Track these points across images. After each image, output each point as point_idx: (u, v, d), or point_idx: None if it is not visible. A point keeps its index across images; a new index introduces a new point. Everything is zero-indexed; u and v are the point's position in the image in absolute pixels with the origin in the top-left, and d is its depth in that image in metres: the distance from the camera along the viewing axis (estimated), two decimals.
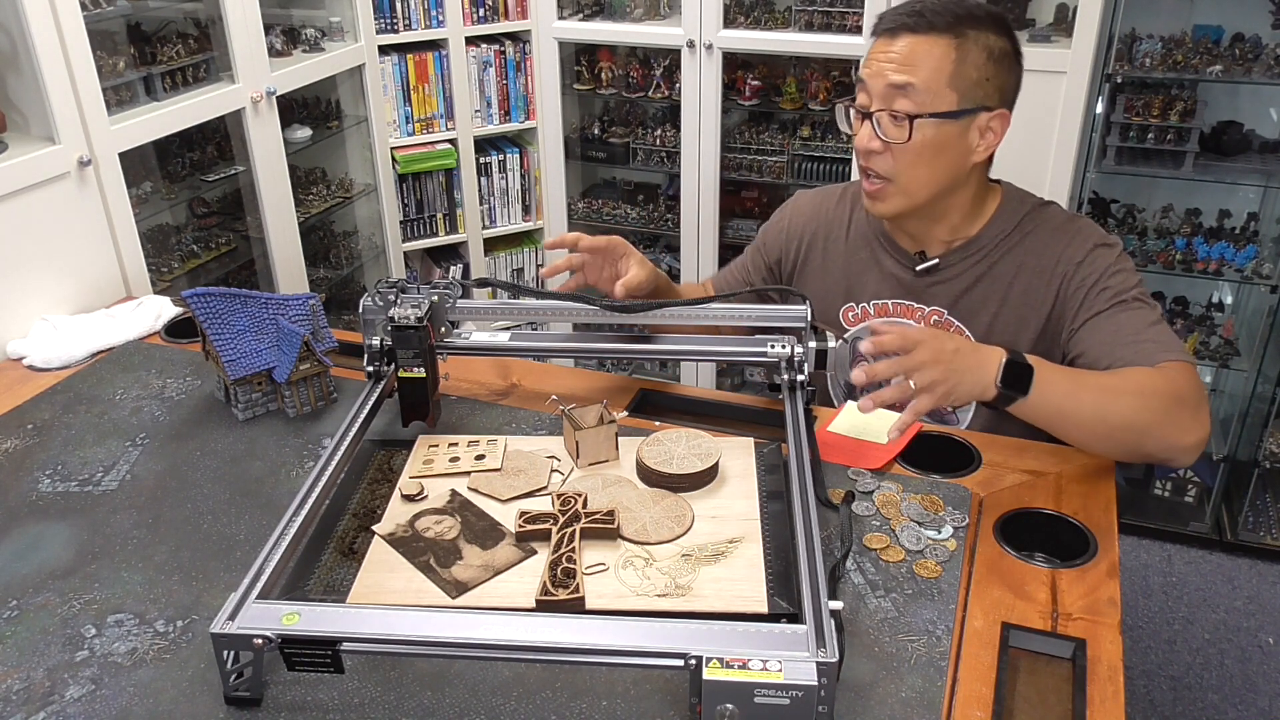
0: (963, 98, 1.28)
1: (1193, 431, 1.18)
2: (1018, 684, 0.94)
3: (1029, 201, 1.40)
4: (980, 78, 1.28)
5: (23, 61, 1.66)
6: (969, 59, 1.27)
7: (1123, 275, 1.31)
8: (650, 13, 2.79)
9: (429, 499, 1.15)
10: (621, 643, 0.85)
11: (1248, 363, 2.41)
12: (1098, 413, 1.17)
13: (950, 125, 1.28)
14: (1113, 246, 1.34)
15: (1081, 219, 1.40)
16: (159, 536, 1.14)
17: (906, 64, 1.27)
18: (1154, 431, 1.18)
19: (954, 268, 1.40)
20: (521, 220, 3.10)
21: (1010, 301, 1.37)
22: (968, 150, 1.31)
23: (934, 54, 1.26)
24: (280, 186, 2.38)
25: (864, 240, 1.48)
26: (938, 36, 1.26)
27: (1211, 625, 2.30)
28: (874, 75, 1.29)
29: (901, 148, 1.29)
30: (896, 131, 1.28)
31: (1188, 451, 1.19)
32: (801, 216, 1.55)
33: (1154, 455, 1.20)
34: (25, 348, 1.56)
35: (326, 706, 0.91)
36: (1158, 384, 1.18)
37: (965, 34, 1.27)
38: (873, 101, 1.30)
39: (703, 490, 1.16)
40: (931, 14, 1.27)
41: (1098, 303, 1.29)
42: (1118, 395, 1.18)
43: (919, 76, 1.26)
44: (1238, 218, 2.46)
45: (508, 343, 1.37)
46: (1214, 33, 2.29)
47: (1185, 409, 1.18)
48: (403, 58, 2.74)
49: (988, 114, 1.30)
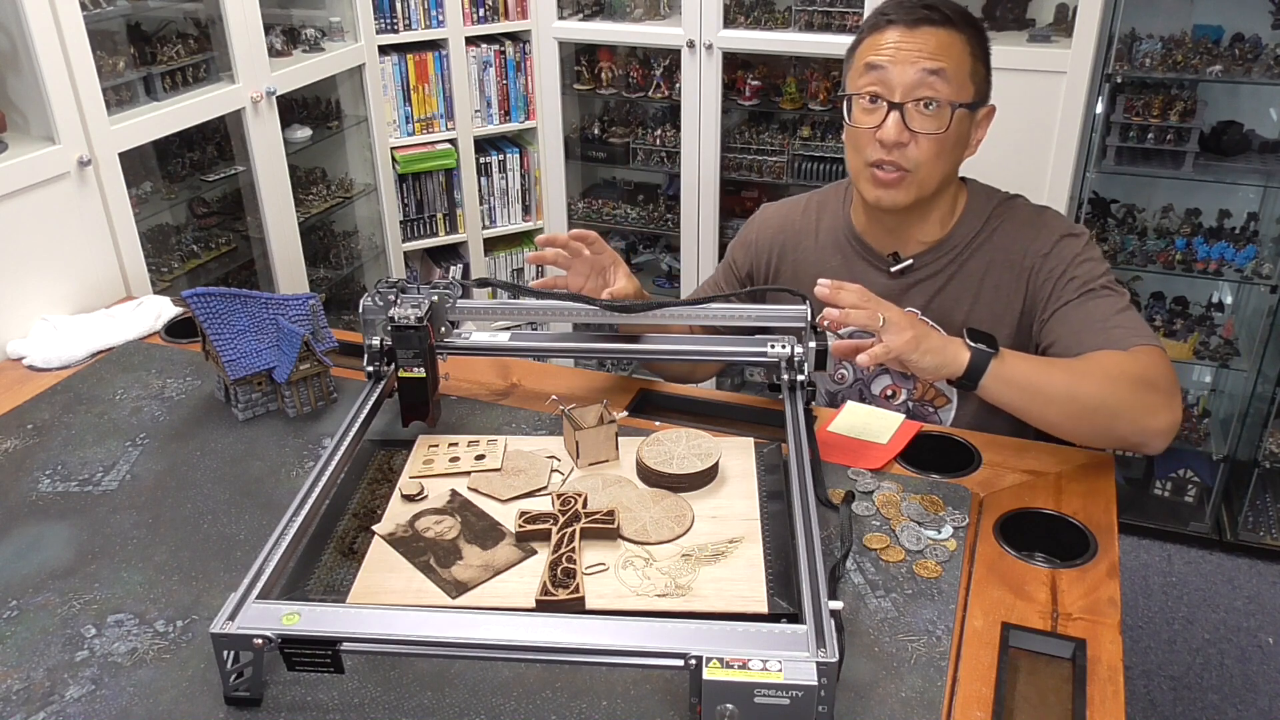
0: (975, 91, 1.31)
1: (1164, 415, 1.17)
2: (1018, 684, 0.94)
3: (995, 197, 1.41)
4: (984, 73, 1.32)
5: (23, 61, 1.66)
6: (976, 54, 1.30)
7: (1090, 264, 1.31)
8: (650, 13, 2.79)
9: (429, 499, 1.15)
10: (621, 643, 0.85)
11: (1248, 363, 2.41)
12: (1069, 390, 1.17)
13: (968, 118, 1.31)
14: (1079, 236, 1.34)
15: (1048, 211, 1.39)
16: (159, 536, 1.14)
17: (940, 51, 1.27)
18: (1125, 413, 1.17)
19: (927, 268, 1.40)
20: (521, 220, 3.10)
21: (982, 299, 1.37)
22: (968, 144, 1.34)
23: (956, 46, 1.28)
24: (280, 186, 2.38)
25: (835, 246, 1.47)
26: (955, 31, 1.28)
27: (1211, 625, 2.30)
28: (900, 63, 1.27)
29: (929, 138, 1.28)
30: (931, 122, 1.28)
31: (1160, 435, 1.18)
32: (769, 229, 1.54)
33: (1126, 439, 1.20)
34: (25, 348, 1.56)
35: (326, 706, 0.91)
36: (1127, 367, 1.18)
37: (970, 30, 1.30)
38: (896, 92, 1.28)
39: (703, 490, 1.16)
40: (944, 8, 1.29)
41: (1066, 292, 1.30)
42: (1088, 376, 1.18)
43: (950, 64, 1.27)
44: (1238, 218, 2.46)
45: (508, 343, 1.37)
46: (1214, 33, 2.29)
47: (1157, 392, 1.18)
48: (403, 58, 2.74)
49: (984, 109, 1.34)
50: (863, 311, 1.15)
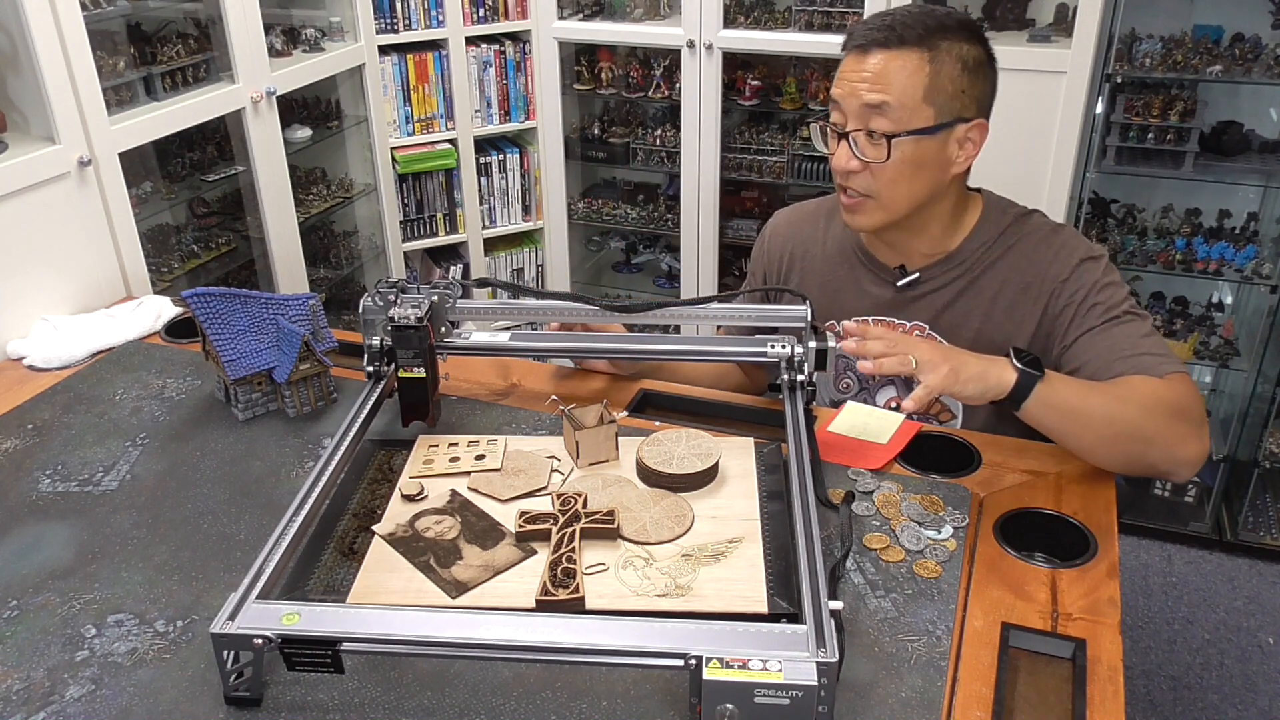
0: (939, 111, 1.25)
1: (1194, 446, 1.18)
2: (1018, 684, 0.94)
3: (1011, 212, 1.38)
4: (956, 90, 1.25)
5: (23, 61, 1.66)
6: (943, 72, 1.24)
7: (1111, 289, 1.29)
8: (650, 13, 2.79)
9: (429, 499, 1.15)
10: (621, 643, 0.85)
11: (1248, 363, 2.41)
12: (1107, 415, 1.17)
13: (929, 140, 1.26)
14: (1099, 259, 1.32)
15: (1065, 230, 1.37)
16: (159, 536, 1.14)
17: (880, 82, 1.23)
18: (1159, 441, 1.17)
19: (935, 281, 1.38)
20: (521, 220, 3.10)
21: (994, 318, 1.35)
22: (947, 163, 1.29)
23: (907, 69, 1.23)
24: (280, 186, 2.38)
25: (842, 257, 1.46)
26: (910, 51, 1.23)
27: (1211, 625, 2.30)
28: (847, 95, 1.26)
29: (880, 166, 1.26)
30: (874, 151, 1.26)
31: (1189, 465, 1.18)
32: (779, 237, 1.54)
33: (1156, 466, 1.20)
34: (25, 348, 1.56)
35: (326, 706, 0.91)
36: (1163, 395, 1.18)
37: (938, 46, 1.24)
38: (848, 120, 1.27)
39: (703, 490, 1.16)
40: (902, 28, 1.24)
41: (1089, 319, 1.28)
42: (1127, 403, 1.17)
43: (894, 94, 1.23)
44: (1238, 218, 2.46)
45: (508, 343, 1.37)
46: (1214, 33, 2.29)
47: (1189, 422, 1.18)
48: (403, 58, 2.74)
49: (965, 125, 1.27)
50: (893, 359, 1.15)
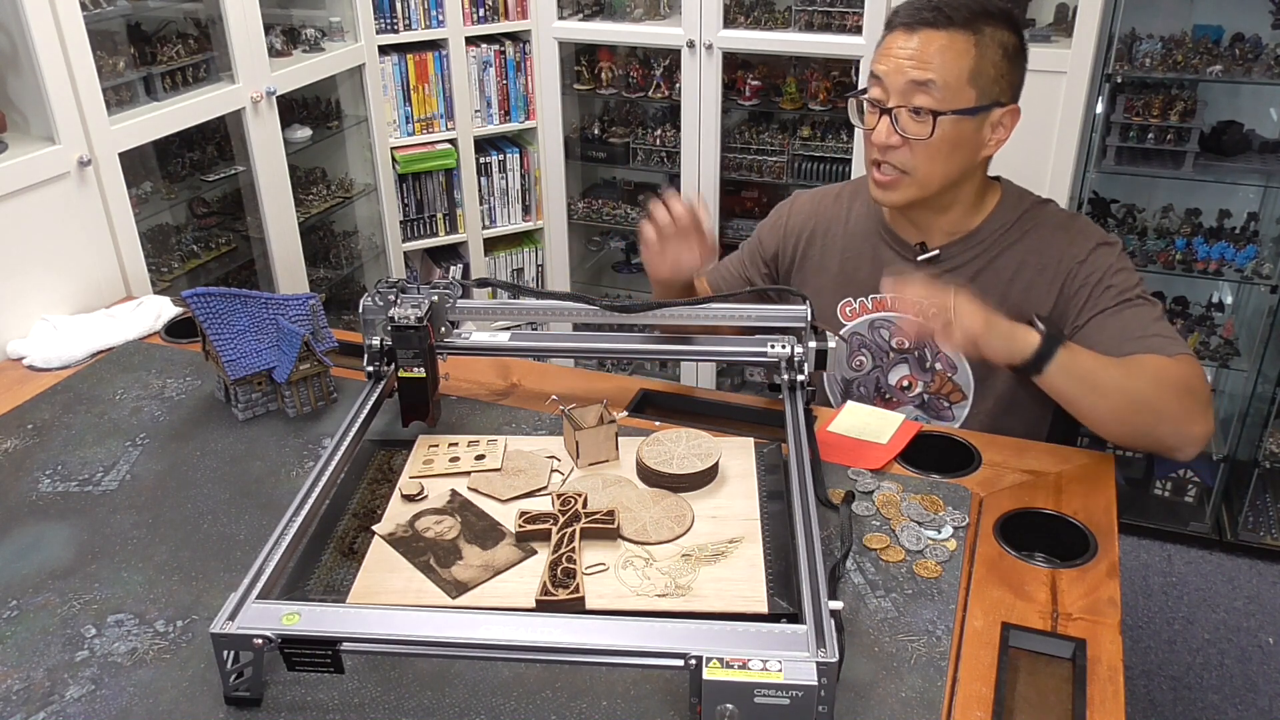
0: (981, 94, 1.29)
1: (1201, 423, 1.21)
2: (1018, 684, 0.94)
3: (1028, 199, 1.42)
4: (997, 74, 1.29)
5: (23, 61, 1.66)
6: (986, 55, 1.28)
7: (1125, 274, 1.33)
8: (650, 13, 2.79)
9: (429, 499, 1.15)
10: (621, 643, 0.85)
11: (1248, 363, 2.41)
12: (1122, 387, 1.20)
13: (968, 121, 1.30)
14: (1113, 245, 1.35)
15: (1081, 217, 1.41)
16: (159, 536, 1.14)
17: (927, 60, 1.27)
18: (1169, 416, 1.20)
19: (954, 259, 1.41)
20: (521, 220, 3.09)
21: (1011, 298, 1.37)
22: (980, 145, 1.33)
23: (955, 50, 1.27)
24: (280, 186, 2.38)
25: (863, 234, 1.49)
26: (957, 32, 1.27)
27: (1211, 625, 2.30)
28: (892, 71, 1.29)
29: (921, 143, 1.29)
30: (918, 128, 1.29)
31: (1195, 442, 1.21)
32: (800, 214, 1.56)
33: (1164, 440, 1.23)
34: (25, 348, 1.56)
35: (326, 706, 0.91)
36: (1174, 372, 1.21)
37: (982, 30, 1.27)
38: (890, 97, 1.30)
39: (703, 490, 1.16)
40: (950, 9, 1.27)
41: (1102, 300, 1.31)
42: (1140, 377, 1.21)
43: (940, 73, 1.27)
44: (1238, 218, 2.46)
45: (508, 343, 1.37)
46: (1214, 33, 2.29)
47: (1198, 400, 1.21)
48: (403, 58, 2.74)
49: (1001, 110, 1.32)
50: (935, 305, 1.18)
